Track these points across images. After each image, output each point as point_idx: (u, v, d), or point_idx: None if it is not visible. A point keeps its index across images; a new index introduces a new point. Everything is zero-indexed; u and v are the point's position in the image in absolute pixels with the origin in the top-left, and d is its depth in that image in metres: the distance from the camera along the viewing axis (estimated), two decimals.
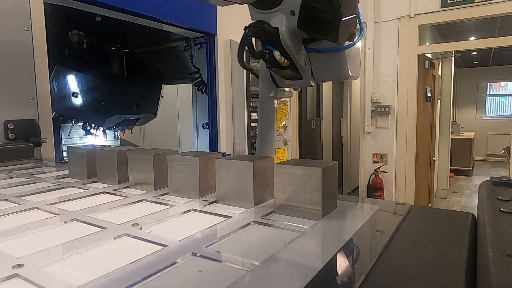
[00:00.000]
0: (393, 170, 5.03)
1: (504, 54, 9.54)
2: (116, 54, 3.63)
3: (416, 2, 4.59)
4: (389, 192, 5.06)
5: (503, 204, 0.61)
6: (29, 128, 1.92)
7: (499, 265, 0.41)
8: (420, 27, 4.71)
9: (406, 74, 4.76)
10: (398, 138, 4.94)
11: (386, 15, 4.77)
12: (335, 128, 7.12)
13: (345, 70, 1.21)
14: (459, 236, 0.59)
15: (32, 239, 0.64)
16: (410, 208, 0.73)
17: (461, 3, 4.35)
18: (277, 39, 1.11)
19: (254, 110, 3.94)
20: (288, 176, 0.70)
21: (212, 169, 0.85)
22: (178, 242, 0.59)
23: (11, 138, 1.85)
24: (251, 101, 3.90)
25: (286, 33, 1.09)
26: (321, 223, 0.66)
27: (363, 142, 5.20)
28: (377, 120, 5.02)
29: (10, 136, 1.85)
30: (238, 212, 0.74)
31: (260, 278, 0.47)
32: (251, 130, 3.94)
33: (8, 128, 1.85)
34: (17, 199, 0.90)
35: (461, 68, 11.26)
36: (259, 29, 1.13)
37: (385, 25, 4.77)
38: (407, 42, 4.68)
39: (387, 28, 4.75)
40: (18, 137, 1.87)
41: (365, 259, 0.55)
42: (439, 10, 4.48)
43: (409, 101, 4.83)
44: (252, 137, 3.94)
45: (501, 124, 11.49)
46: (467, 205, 6.87)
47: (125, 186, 1.00)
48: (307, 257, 0.56)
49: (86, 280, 0.46)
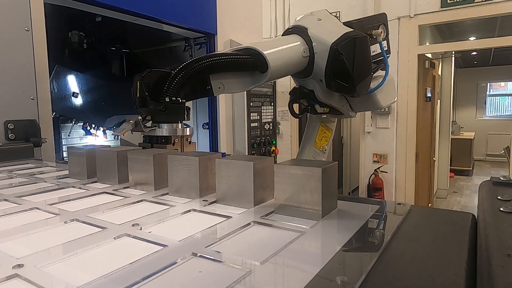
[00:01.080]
0: (393, 170, 5.03)
1: (504, 54, 9.54)
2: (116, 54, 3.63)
3: (416, 2, 4.60)
4: (389, 192, 5.06)
5: (503, 204, 0.60)
6: (29, 128, 1.92)
7: (499, 265, 0.41)
8: (420, 27, 4.71)
9: (406, 74, 4.75)
10: (398, 138, 4.94)
11: None
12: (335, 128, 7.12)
13: (378, 104, 1.66)
14: (459, 236, 0.59)
15: (32, 239, 0.64)
16: (410, 208, 0.73)
17: (461, 3, 4.35)
18: (315, 97, 1.51)
19: (253, 110, 3.96)
20: (288, 176, 0.70)
21: (212, 169, 0.85)
22: (178, 242, 0.59)
23: (11, 138, 1.86)
24: (251, 102, 3.91)
25: (319, 92, 1.50)
26: (321, 223, 0.66)
27: (363, 142, 5.20)
28: (377, 120, 5.03)
29: (11, 136, 1.86)
30: (238, 212, 0.74)
31: (260, 278, 0.47)
32: (251, 130, 3.98)
33: (8, 128, 1.86)
34: (17, 199, 0.90)
35: (461, 68, 11.26)
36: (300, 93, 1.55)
37: None
38: (407, 42, 4.68)
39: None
40: (18, 137, 1.87)
41: (365, 259, 0.55)
42: (439, 10, 4.49)
43: (409, 101, 4.82)
44: (251, 137, 3.98)
45: (501, 124, 11.48)
46: (467, 205, 6.87)
47: (125, 186, 1.00)
48: (307, 257, 0.56)
49: (86, 280, 0.46)
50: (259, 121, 4.06)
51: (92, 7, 2.47)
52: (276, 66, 1.30)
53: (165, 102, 1.15)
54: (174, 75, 1.17)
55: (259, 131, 4.06)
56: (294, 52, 1.37)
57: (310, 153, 1.77)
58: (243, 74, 1.35)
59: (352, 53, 1.32)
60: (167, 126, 1.22)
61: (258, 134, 4.06)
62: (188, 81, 1.19)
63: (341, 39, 1.33)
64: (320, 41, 1.37)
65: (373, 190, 5.08)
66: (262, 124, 4.12)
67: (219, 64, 1.23)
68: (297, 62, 1.39)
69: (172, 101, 1.16)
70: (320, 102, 1.55)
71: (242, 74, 1.35)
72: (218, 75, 1.28)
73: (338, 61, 1.32)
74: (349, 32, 1.37)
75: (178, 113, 1.21)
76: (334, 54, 1.32)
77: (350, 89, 1.37)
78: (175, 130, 1.23)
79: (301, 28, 1.41)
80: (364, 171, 5.24)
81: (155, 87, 1.18)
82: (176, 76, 1.17)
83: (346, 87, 1.37)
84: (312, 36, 1.38)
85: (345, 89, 1.39)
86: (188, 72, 1.18)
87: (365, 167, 5.23)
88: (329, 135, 1.81)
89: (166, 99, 1.16)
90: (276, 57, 1.31)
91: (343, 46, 1.32)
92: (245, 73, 1.35)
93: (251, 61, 1.28)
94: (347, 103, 1.68)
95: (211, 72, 1.26)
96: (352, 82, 1.34)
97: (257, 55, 1.28)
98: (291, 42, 1.39)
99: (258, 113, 4.04)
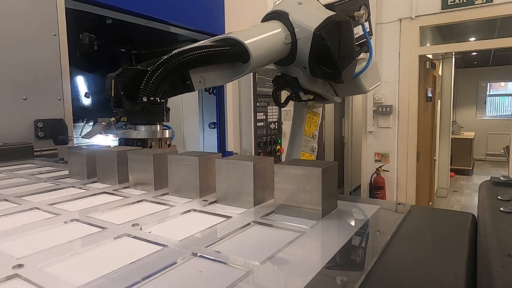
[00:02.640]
0: (394, 169, 5.10)
1: (504, 55, 9.56)
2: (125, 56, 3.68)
3: (417, 4, 4.66)
4: (391, 191, 5.14)
5: (503, 204, 0.60)
6: (57, 127, 2.04)
7: (499, 265, 0.41)
8: (421, 28, 4.76)
9: (407, 74, 4.82)
10: (400, 137, 5.02)
11: (387, 17, 4.84)
12: (336, 128, 7.22)
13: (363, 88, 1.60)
14: (459, 236, 0.59)
15: (32, 239, 0.64)
16: (410, 208, 0.73)
17: (461, 5, 4.40)
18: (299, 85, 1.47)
19: (260, 110, 4.07)
20: (288, 176, 0.70)
21: (212, 169, 0.85)
22: (178, 242, 0.59)
23: (40, 136, 1.97)
24: (257, 102, 4.00)
25: (303, 79, 1.45)
26: (321, 223, 0.66)
27: (365, 141, 5.27)
28: (379, 120, 5.10)
29: (40, 134, 1.97)
30: (238, 212, 0.74)
31: (260, 278, 0.47)
32: (257, 130, 4.06)
33: (38, 127, 1.97)
34: (17, 199, 0.90)
35: (461, 68, 11.26)
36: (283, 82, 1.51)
37: (386, 27, 4.84)
38: (408, 43, 4.75)
39: (389, 29, 4.82)
40: (46, 135, 1.99)
41: (365, 259, 0.55)
42: (440, 12, 4.54)
43: (410, 101, 4.89)
44: (258, 136, 4.07)
45: (501, 124, 11.49)
46: (467, 204, 6.91)
47: (125, 186, 1.00)
48: (307, 257, 0.56)
49: (86, 280, 0.46)
50: (265, 120, 4.13)
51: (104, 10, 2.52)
52: (258, 56, 1.24)
53: (143, 102, 1.08)
54: (152, 73, 1.09)
55: (265, 130, 4.14)
56: (276, 39, 1.30)
57: (301, 142, 1.71)
58: (224, 66, 1.28)
59: (337, 38, 1.26)
60: (144, 128, 1.15)
61: (264, 133, 4.13)
62: (167, 78, 1.12)
63: (325, 24, 1.26)
64: (302, 26, 1.30)
65: (375, 189, 5.16)
66: (268, 123, 4.19)
67: (200, 58, 1.16)
68: (279, 50, 1.32)
69: (150, 101, 1.09)
70: (304, 89, 1.50)
71: (223, 66, 1.28)
72: (198, 69, 1.21)
73: (322, 47, 1.26)
74: (332, 16, 1.29)
75: (157, 114, 1.13)
76: (318, 40, 1.25)
77: (336, 75, 1.31)
78: (153, 132, 1.16)
79: (281, 13, 1.34)
80: (366, 170, 5.31)
81: (131, 86, 1.11)
82: (154, 73, 1.09)
83: (331, 74, 1.31)
84: (293, 22, 1.31)
85: (331, 76, 1.34)
86: (167, 68, 1.10)
87: (367, 166, 5.30)
88: (316, 120, 1.78)
89: (144, 98, 1.09)
90: (257, 45, 1.24)
91: (327, 31, 1.25)
92: (226, 65, 1.28)
93: (232, 51, 1.20)
94: (331, 89, 1.63)
95: (192, 66, 1.18)
96: (338, 69, 1.28)
97: (237, 45, 1.21)
98: (272, 29, 1.32)
99: (264, 113, 4.11)
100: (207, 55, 1.17)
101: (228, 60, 1.26)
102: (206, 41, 1.26)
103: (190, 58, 1.14)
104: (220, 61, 1.25)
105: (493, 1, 4.21)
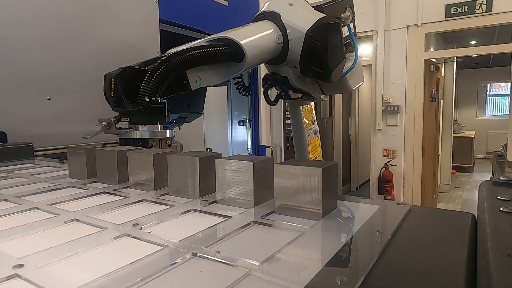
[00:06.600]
0: (401, 163, 5.52)
1: (503, 56, 9.64)
2: None
3: (423, 12, 5.01)
4: (398, 184, 5.56)
5: (503, 204, 0.60)
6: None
7: (499, 265, 0.41)
8: (426, 34, 5.12)
9: (413, 77, 5.20)
10: (406, 134, 5.42)
11: (395, 24, 5.23)
12: (344, 126, 7.50)
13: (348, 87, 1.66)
14: (459, 236, 0.59)
15: (32, 239, 0.64)
16: (410, 208, 0.73)
17: (464, 14, 4.72)
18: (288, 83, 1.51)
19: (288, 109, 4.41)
20: (288, 176, 0.70)
21: (212, 169, 0.84)
22: (178, 242, 0.59)
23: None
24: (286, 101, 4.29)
25: (293, 78, 1.48)
26: (321, 223, 0.66)
27: (374, 138, 5.66)
28: (387, 119, 5.52)
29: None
30: (238, 212, 0.74)
31: (260, 278, 0.47)
32: (286, 126, 4.59)
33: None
34: (17, 199, 0.90)
35: (462, 69, 11.32)
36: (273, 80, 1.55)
37: (394, 33, 5.23)
38: (414, 48, 5.13)
39: (397, 35, 5.22)
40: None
41: (365, 259, 0.55)
42: (444, 20, 4.89)
43: (416, 101, 5.29)
44: (287, 132, 4.59)
45: (501, 123, 11.56)
46: (468, 198, 7.21)
47: (125, 186, 1.00)
48: (307, 257, 0.56)
49: (86, 280, 0.46)
50: None
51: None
52: (253, 55, 1.27)
53: (145, 102, 1.09)
54: (152, 73, 1.11)
55: None
56: (269, 39, 1.34)
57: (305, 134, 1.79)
58: (220, 65, 1.31)
59: (327, 40, 1.31)
60: (144, 128, 1.16)
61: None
62: (167, 78, 1.13)
63: (316, 26, 1.31)
64: (294, 27, 1.35)
65: (384, 182, 5.54)
66: None
67: (198, 57, 1.18)
68: (272, 50, 1.36)
69: (152, 101, 1.10)
70: (294, 87, 1.56)
71: (218, 66, 1.31)
72: (195, 69, 1.24)
73: (314, 48, 1.31)
74: (323, 18, 1.34)
75: (158, 114, 1.15)
76: (310, 41, 1.30)
77: (326, 75, 1.36)
78: (153, 132, 1.17)
79: (273, 14, 1.38)
80: (375, 164, 5.69)
81: (130, 86, 1.12)
82: (154, 73, 1.10)
83: (321, 74, 1.37)
84: (285, 23, 1.36)
85: (321, 75, 1.39)
86: (166, 68, 1.12)
87: (376, 161, 5.69)
88: (311, 108, 1.84)
89: (146, 99, 1.10)
90: (252, 45, 1.28)
91: (318, 33, 1.30)
92: (221, 64, 1.31)
93: (228, 51, 1.24)
94: (319, 87, 1.70)
95: (190, 66, 1.21)
96: (328, 68, 1.34)
97: (233, 45, 1.24)
98: (265, 29, 1.36)
99: None
100: (205, 55, 1.20)
101: (225, 59, 1.29)
102: (202, 41, 1.29)
103: (190, 57, 1.17)
104: (217, 60, 1.28)
105: (492, 11, 4.51)
